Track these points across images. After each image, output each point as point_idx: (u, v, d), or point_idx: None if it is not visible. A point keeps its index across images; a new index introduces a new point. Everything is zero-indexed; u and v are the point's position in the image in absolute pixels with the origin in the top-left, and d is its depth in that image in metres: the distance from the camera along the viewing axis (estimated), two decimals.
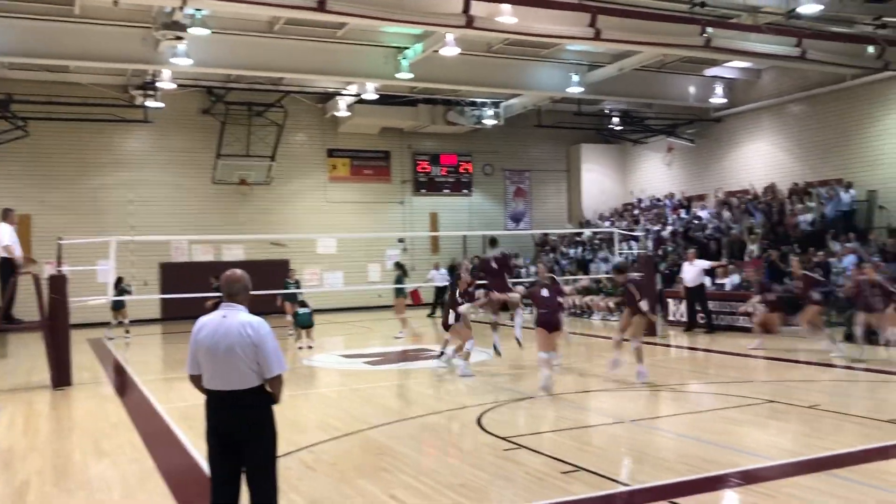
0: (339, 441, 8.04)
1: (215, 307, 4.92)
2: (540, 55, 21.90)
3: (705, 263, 18.01)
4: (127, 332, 19.49)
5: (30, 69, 21.62)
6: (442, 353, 13.26)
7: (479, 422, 8.70)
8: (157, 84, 21.76)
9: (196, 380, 4.73)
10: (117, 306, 18.97)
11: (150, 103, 22.83)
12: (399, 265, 19.39)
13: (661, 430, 8.34)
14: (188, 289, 21.29)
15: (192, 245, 25.67)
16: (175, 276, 24.75)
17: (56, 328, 12.05)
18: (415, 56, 19.84)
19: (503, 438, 7.86)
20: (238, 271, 4.89)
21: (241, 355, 4.56)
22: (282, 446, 7.64)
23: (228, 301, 4.78)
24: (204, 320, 4.76)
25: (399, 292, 18.54)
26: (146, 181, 25.06)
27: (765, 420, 8.63)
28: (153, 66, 19.52)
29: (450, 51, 18.12)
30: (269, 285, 18.82)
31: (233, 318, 4.67)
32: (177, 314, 24.21)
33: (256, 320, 4.69)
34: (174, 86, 21.95)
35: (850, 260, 16.60)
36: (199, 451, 7.56)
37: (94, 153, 24.50)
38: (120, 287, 18.71)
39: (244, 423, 4.58)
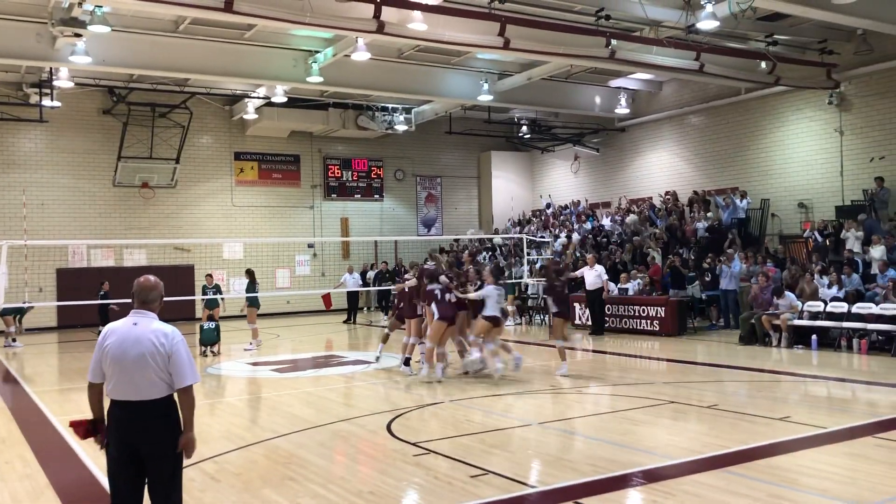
0: (244, 451, 7.86)
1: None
2: (451, 62, 22.06)
3: (602, 269, 18.57)
4: (14, 339, 18.99)
5: None
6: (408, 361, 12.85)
7: (388, 428, 8.68)
8: (54, 82, 20.82)
9: (95, 389, 4.53)
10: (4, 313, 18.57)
11: (46, 102, 21.81)
12: (249, 272, 18.24)
13: (568, 431, 8.52)
14: (87, 296, 20.54)
15: (91, 250, 24.70)
16: (73, 282, 23.73)
17: None
18: (325, 60, 19.65)
19: (412, 444, 7.87)
20: (152, 278, 4.74)
21: (151, 364, 4.43)
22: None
23: (141, 308, 4.62)
24: (112, 327, 4.60)
25: (252, 301, 17.71)
26: (42, 183, 23.92)
27: (666, 420, 8.93)
28: (49, 63, 18.63)
29: (361, 56, 18.02)
30: (173, 291, 18.32)
31: (144, 326, 4.53)
32: (74, 322, 23.25)
33: (169, 329, 4.57)
34: (72, 84, 21.06)
35: (737, 265, 17.42)
36: (96, 465, 7.27)
37: None
38: None
39: (151, 434, 4.42)
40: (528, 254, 22.89)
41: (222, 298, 18.37)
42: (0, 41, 17.26)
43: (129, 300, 4.69)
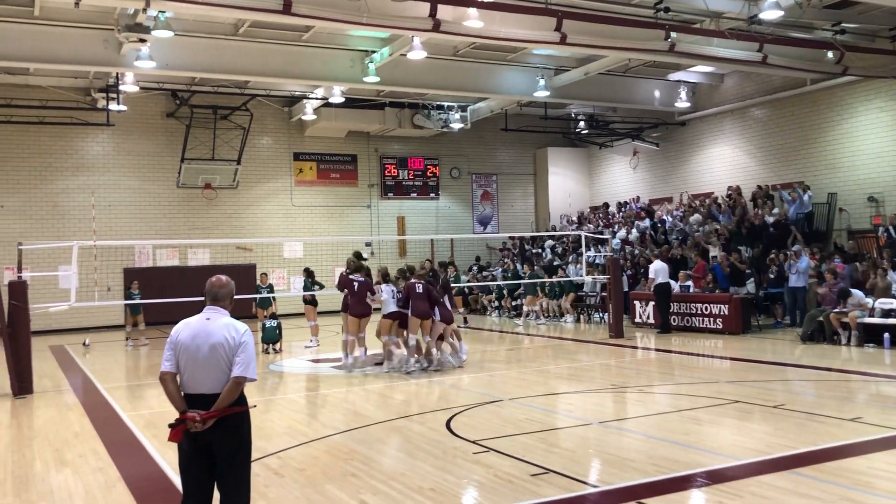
0: (306, 447, 7.97)
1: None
2: (506, 59, 21.98)
3: (665, 266, 18.29)
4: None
5: None
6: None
7: (448, 425, 8.70)
8: (120, 87, 21.45)
9: (170, 377, 4.60)
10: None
11: (112, 106, 22.48)
12: (307, 271, 18.38)
13: (629, 431, 8.40)
14: (152, 294, 21.08)
15: (156, 250, 25.35)
16: (139, 281, 24.34)
17: (16, 335, 11.79)
18: (382, 60, 19.78)
19: (472, 442, 7.87)
20: (224, 277, 4.88)
21: (222, 356, 4.55)
22: None
23: (213, 304, 4.76)
24: (185, 321, 4.73)
25: (310, 299, 17.91)
26: (109, 185, 24.68)
27: (730, 420, 8.74)
28: (115, 68, 19.20)
29: (417, 55, 18.09)
30: (236, 290, 18.65)
31: (216, 321, 4.67)
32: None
33: (241, 324, 4.70)
34: (137, 88, 21.67)
35: (805, 261, 16.90)
36: (164, 460, 7.46)
37: (55, 157, 24.05)
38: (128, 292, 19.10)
39: (221, 427, 4.51)
40: (587, 250, 22.67)
41: (274, 298, 18.63)
42: (70, 49, 17.86)
43: (202, 298, 4.82)
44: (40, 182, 23.80)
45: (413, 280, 12.96)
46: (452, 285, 16.79)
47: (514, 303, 23.73)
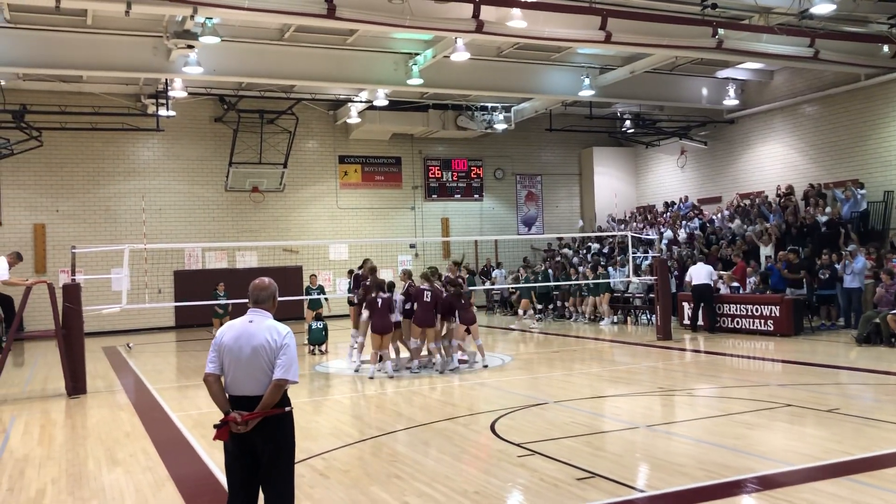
0: (351, 448, 8.00)
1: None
2: (551, 59, 21.85)
3: (711, 268, 18.11)
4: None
5: (43, 80, 21.78)
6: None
7: (492, 428, 8.65)
8: (169, 93, 21.87)
9: (214, 379, 4.64)
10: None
11: (162, 112, 22.93)
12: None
13: (677, 434, 8.24)
14: (202, 296, 21.45)
15: (205, 252, 25.79)
16: (189, 283, 24.86)
17: (70, 337, 12.08)
18: (425, 62, 19.84)
19: (517, 445, 7.81)
20: (266, 279, 4.91)
21: (264, 358, 4.58)
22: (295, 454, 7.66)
23: (255, 307, 4.80)
24: (229, 324, 4.78)
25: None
26: (159, 189, 25.19)
27: (782, 424, 8.52)
28: (165, 74, 19.59)
29: (460, 56, 18.09)
30: (283, 292, 18.86)
31: (259, 323, 4.70)
32: (190, 322, 24.36)
33: (283, 327, 4.72)
34: (185, 94, 22.07)
35: (861, 262, 16.44)
36: (212, 460, 7.55)
37: (107, 162, 24.64)
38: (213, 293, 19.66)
39: (266, 429, 4.54)
40: (634, 251, 22.40)
41: (326, 299, 18.79)
42: (121, 55, 18.29)
43: (245, 300, 4.86)
44: (93, 187, 24.40)
45: (422, 286, 13.02)
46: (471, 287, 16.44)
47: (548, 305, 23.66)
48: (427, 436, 8.50)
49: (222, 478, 6.66)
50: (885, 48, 17.83)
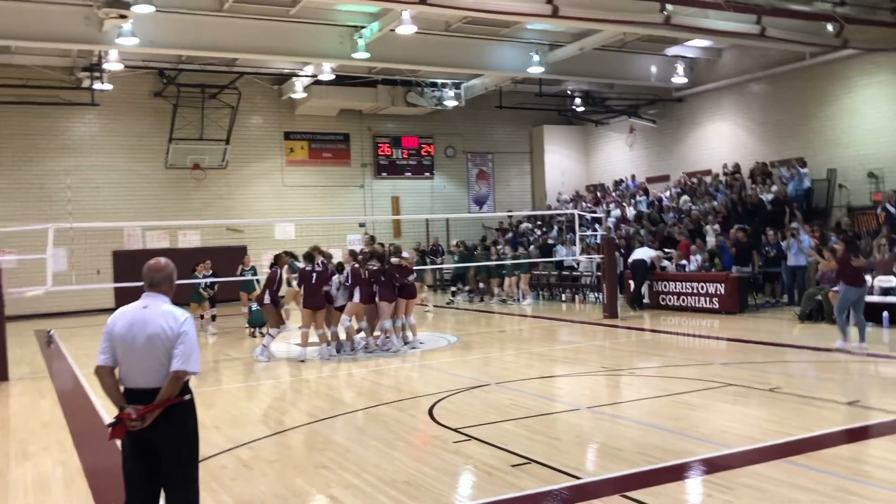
0: (280, 436, 7.65)
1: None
2: (500, 34, 21.49)
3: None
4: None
5: None
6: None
7: (430, 412, 8.38)
8: (104, 65, 20.96)
9: (106, 372, 4.26)
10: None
11: (97, 86, 22.00)
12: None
13: (618, 416, 8.06)
14: (139, 278, 20.67)
15: (145, 232, 24.96)
16: (129, 264, 24.02)
17: None
18: (371, 35, 19.30)
19: (454, 430, 7.55)
20: (162, 259, 4.51)
21: (160, 347, 4.18)
22: (219, 442, 7.31)
23: (150, 291, 4.39)
24: (121, 310, 4.38)
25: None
26: (96, 166, 24.24)
27: (723, 405, 8.41)
28: (98, 46, 18.73)
29: (406, 29, 17.62)
30: (227, 272, 18.35)
31: (154, 309, 4.30)
32: (130, 302, 23.56)
33: (181, 312, 4.32)
34: (121, 67, 21.18)
35: (807, 240, 16.54)
36: None
37: (39, 138, 23.58)
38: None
39: (162, 424, 4.15)
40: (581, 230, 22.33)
41: (258, 280, 18.25)
42: (50, 25, 17.36)
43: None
44: (25, 164, 23.36)
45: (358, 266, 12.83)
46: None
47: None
48: (362, 422, 8.20)
49: None
50: (829, 27, 17.83)
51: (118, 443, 4.27)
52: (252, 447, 7.22)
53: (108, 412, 9.06)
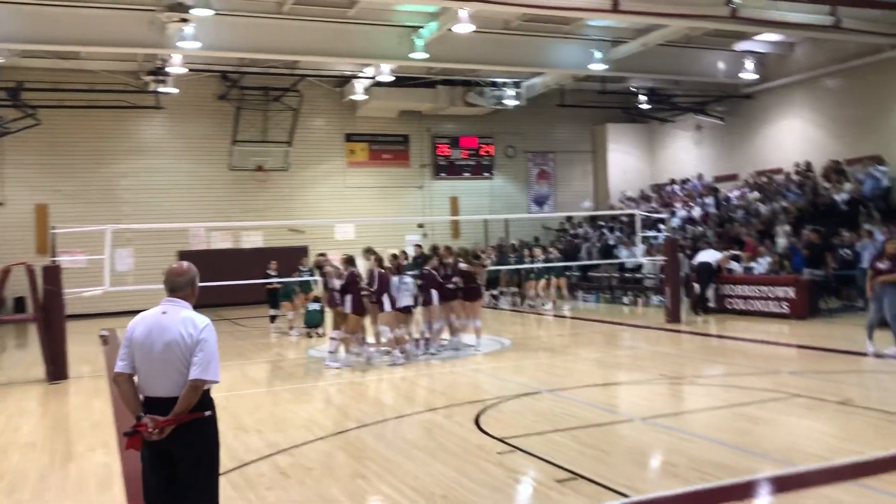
0: (322, 442, 7.48)
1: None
2: (560, 31, 21.05)
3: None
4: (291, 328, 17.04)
5: (41, 56, 21.31)
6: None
7: (477, 420, 8.09)
8: (168, 69, 21.34)
9: (123, 379, 4.11)
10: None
11: (162, 89, 22.42)
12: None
13: (674, 429, 7.63)
14: (207, 277, 20.93)
15: (210, 232, 25.36)
16: (194, 263, 24.37)
17: (50, 320, 11.65)
18: (429, 35, 19.16)
19: (499, 439, 7.25)
20: (185, 264, 4.36)
21: (178, 355, 4.02)
22: (259, 447, 7.18)
23: (171, 296, 4.24)
24: (140, 316, 4.24)
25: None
26: (162, 168, 24.75)
27: (789, 418, 7.88)
28: (161, 50, 19.04)
29: (463, 27, 17.38)
30: (289, 274, 18.38)
31: (174, 315, 4.14)
32: (196, 302, 23.98)
33: (201, 318, 4.15)
34: (185, 70, 21.53)
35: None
36: None
37: (108, 141, 24.21)
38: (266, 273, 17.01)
39: (180, 434, 3.99)
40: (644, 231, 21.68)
41: (315, 281, 18.19)
42: (116, 30, 17.76)
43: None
44: (96, 166, 23.98)
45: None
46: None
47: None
48: (406, 429, 7.98)
49: None
50: None
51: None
52: (292, 453, 7.07)
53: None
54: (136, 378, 4.13)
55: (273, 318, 17.73)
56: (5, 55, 20.59)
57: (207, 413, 4.06)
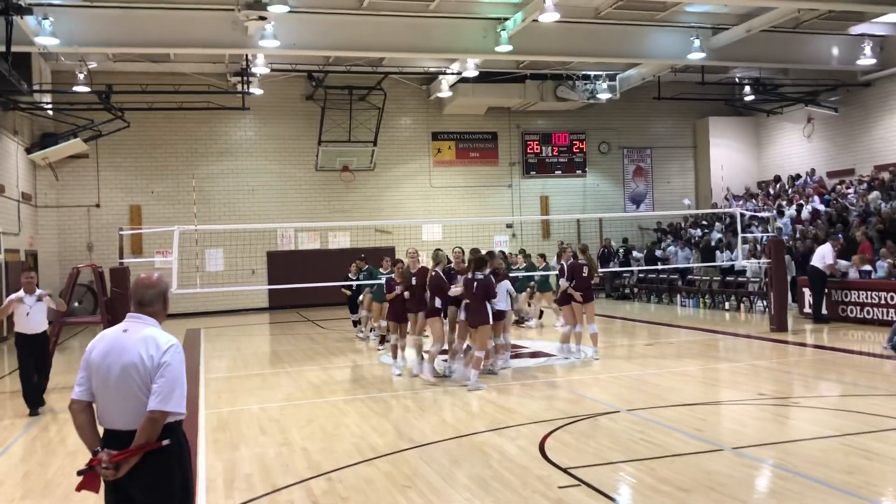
0: (366, 465, 6.80)
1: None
2: (655, 19, 19.80)
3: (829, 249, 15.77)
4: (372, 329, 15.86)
5: (134, 60, 21.74)
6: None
7: (542, 445, 7.25)
8: (253, 69, 21.34)
9: (79, 408, 3.54)
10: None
11: (248, 90, 22.46)
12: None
13: (769, 463, 6.56)
14: (295, 277, 20.90)
15: (297, 233, 25.36)
16: (282, 264, 24.52)
17: (116, 323, 11.47)
18: (514, 27, 18.31)
19: (563, 469, 6.39)
20: (155, 275, 3.75)
21: (137, 381, 3.42)
22: (299, 470, 6.56)
23: (136, 311, 3.63)
24: (102, 334, 3.66)
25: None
26: (250, 170, 24.91)
27: None
28: (244, 49, 19.01)
29: (549, 17, 16.45)
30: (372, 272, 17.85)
31: (134, 333, 3.53)
32: (284, 303, 24.07)
33: (165, 338, 3.52)
34: (268, 70, 21.51)
35: None
36: (212, 468, 6.56)
37: (200, 143, 24.54)
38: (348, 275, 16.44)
39: (141, 475, 3.39)
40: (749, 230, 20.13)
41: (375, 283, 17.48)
42: (199, 31, 17.80)
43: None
44: (188, 167, 24.30)
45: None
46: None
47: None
48: (461, 452, 7.20)
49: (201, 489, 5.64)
50: None
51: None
52: (331, 478, 6.43)
53: (207, 422, 8.67)
54: (95, 406, 3.54)
55: (355, 323, 17.26)
56: (99, 59, 21.13)
57: (165, 442, 3.41)
